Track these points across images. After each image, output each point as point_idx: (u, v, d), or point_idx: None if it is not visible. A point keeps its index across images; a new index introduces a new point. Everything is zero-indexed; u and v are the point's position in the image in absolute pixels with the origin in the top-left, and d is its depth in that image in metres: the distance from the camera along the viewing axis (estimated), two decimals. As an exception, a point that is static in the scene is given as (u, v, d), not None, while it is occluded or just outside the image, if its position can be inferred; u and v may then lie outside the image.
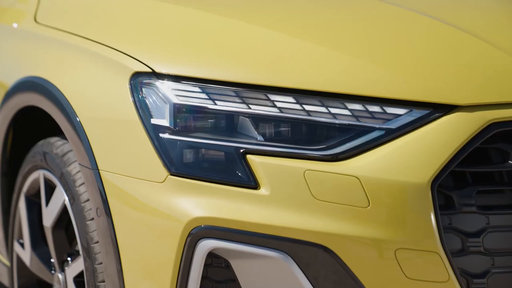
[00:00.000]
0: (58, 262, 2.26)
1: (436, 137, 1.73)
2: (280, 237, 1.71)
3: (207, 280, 1.77)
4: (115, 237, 1.87)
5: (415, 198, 1.70)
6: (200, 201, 1.76)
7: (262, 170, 1.74)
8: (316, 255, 1.69)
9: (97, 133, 1.96)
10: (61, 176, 2.12)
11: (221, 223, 1.73)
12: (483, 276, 1.73)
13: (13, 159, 2.54)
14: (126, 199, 1.86)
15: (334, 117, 1.77)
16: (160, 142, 1.83)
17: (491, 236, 1.73)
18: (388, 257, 1.69)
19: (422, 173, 1.70)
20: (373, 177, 1.71)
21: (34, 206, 2.39)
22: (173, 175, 1.80)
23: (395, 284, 1.69)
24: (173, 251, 1.76)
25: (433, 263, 1.69)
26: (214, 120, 1.81)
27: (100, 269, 1.95)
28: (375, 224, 1.69)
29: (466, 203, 1.73)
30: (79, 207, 2.03)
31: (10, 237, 2.51)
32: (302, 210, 1.71)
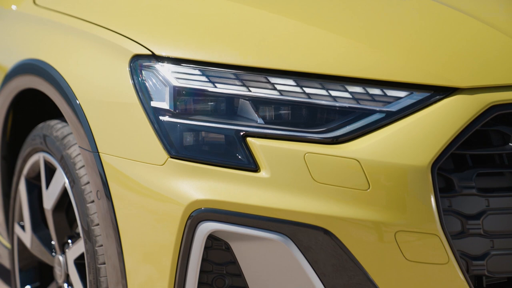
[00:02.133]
0: (58, 244, 2.27)
1: (436, 119, 1.73)
2: (280, 219, 1.71)
3: (207, 263, 1.77)
4: (115, 219, 1.88)
5: (415, 181, 1.70)
6: (200, 184, 1.76)
7: (262, 153, 1.74)
8: (316, 238, 1.70)
9: (97, 116, 1.95)
10: (61, 159, 2.12)
11: (221, 206, 1.74)
12: (483, 258, 1.73)
13: (13, 142, 2.54)
14: (126, 182, 1.86)
15: (334, 100, 1.77)
16: (160, 125, 1.82)
17: (491, 218, 1.74)
18: (388, 240, 1.69)
19: (422, 155, 1.70)
20: (373, 160, 1.71)
21: (35, 189, 2.39)
22: (173, 158, 1.80)
23: (395, 266, 1.70)
24: (173, 233, 1.76)
25: (432, 246, 1.69)
26: (214, 103, 1.81)
27: (100, 251, 1.96)
28: (375, 206, 1.70)
29: (466, 185, 1.74)
30: (79, 189, 2.03)
31: (10, 220, 2.52)
32: (302, 192, 1.71)
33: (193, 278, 1.76)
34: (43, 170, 2.28)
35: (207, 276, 1.78)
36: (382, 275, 1.69)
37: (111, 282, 1.92)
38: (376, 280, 1.70)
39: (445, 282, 1.71)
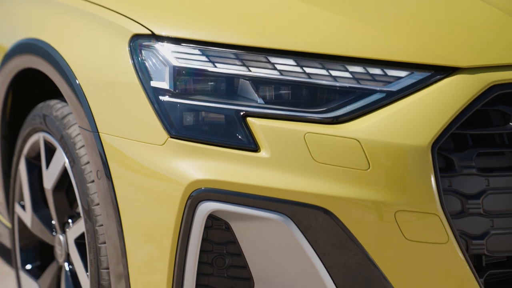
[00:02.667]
0: (59, 224, 2.28)
1: (437, 99, 1.73)
2: (280, 199, 1.71)
3: (207, 242, 1.78)
4: (116, 199, 1.88)
5: (415, 161, 1.70)
6: (200, 163, 1.76)
7: (262, 133, 1.74)
8: (316, 218, 1.70)
9: (97, 96, 1.95)
10: (61, 139, 2.12)
11: (221, 186, 1.74)
12: (482, 238, 1.74)
13: (13, 122, 2.54)
14: (126, 162, 1.86)
15: (334, 79, 1.76)
16: (160, 104, 1.82)
17: (490, 198, 1.74)
18: (388, 219, 1.69)
19: (422, 135, 1.70)
20: (373, 139, 1.71)
21: (35, 169, 2.40)
22: (173, 138, 1.80)
23: (395, 246, 1.70)
24: (173, 213, 1.77)
25: (432, 225, 1.70)
26: (214, 82, 1.80)
27: (101, 231, 1.97)
28: (375, 186, 1.70)
29: (466, 165, 1.74)
30: (79, 169, 2.04)
31: (11, 199, 2.53)
32: (302, 172, 1.71)
33: (193, 258, 1.76)
34: (43, 150, 2.28)
35: (207, 255, 1.78)
36: (382, 254, 1.70)
37: (112, 261, 1.92)
38: (376, 259, 1.70)
39: (445, 262, 1.71)
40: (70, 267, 2.24)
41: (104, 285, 1.97)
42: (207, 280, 1.79)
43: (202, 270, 1.78)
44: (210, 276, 1.79)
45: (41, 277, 2.42)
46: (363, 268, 1.70)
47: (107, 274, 1.96)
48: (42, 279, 2.41)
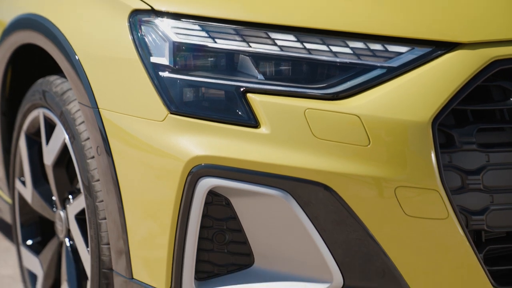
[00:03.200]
0: (59, 200, 2.28)
1: (438, 75, 1.72)
2: (280, 175, 1.71)
3: (207, 218, 1.78)
4: (116, 175, 1.88)
5: (415, 137, 1.70)
6: (200, 139, 1.76)
7: (263, 109, 1.73)
8: (316, 194, 1.70)
9: (97, 72, 1.94)
10: (61, 115, 2.12)
11: (221, 162, 1.74)
12: (482, 213, 1.74)
13: (12, 98, 2.54)
14: (126, 138, 1.86)
15: (335, 55, 1.76)
16: (159, 80, 1.82)
17: (490, 173, 1.74)
18: (388, 195, 1.70)
19: (423, 111, 1.70)
20: (373, 115, 1.70)
21: (35, 145, 2.40)
22: (173, 114, 1.79)
23: (395, 222, 1.70)
24: (173, 189, 1.77)
25: (432, 201, 1.70)
26: (214, 58, 1.80)
27: (101, 206, 1.97)
28: (375, 162, 1.70)
29: (466, 141, 1.73)
30: (79, 145, 2.03)
31: (11, 175, 2.53)
32: (302, 148, 1.71)
33: (194, 234, 1.77)
34: (43, 126, 2.28)
35: (208, 231, 1.79)
36: (381, 230, 1.70)
37: (112, 237, 1.93)
38: (375, 235, 1.71)
39: (445, 237, 1.72)
40: (71, 243, 2.25)
41: (104, 260, 1.98)
42: (207, 256, 1.80)
43: (202, 245, 1.79)
44: (210, 251, 1.79)
45: (42, 253, 2.43)
46: (363, 244, 1.71)
47: (108, 249, 1.97)
48: (43, 254, 2.42)
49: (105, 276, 1.99)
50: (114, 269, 1.95)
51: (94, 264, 2.01)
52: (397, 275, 1.72)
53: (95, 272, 2.01)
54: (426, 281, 1.73)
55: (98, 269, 2.00)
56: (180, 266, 1.79)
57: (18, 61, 2.46)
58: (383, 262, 1.71)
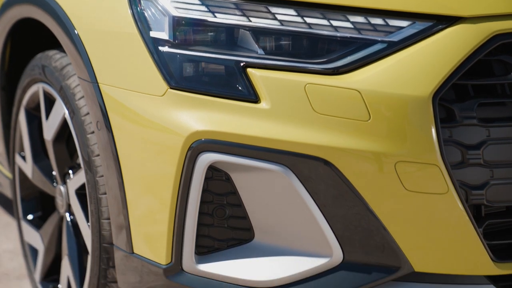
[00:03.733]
0: (59, 175, 2.28)
1: (439, 49, 1.71)
2: (280, 150, 1.71)
3: (207, 193, 1.78)
4: (116, 150, 1.88)
5: (416, 111, 1.69)
6: (200, 115, 1.76)
7: (263, 84, 1.73)
8: (316, 169, 1.70)
9: (96, 46, 1.94)
10: (61, 90, 2.12)
11: (222, 137, 1.74)
12: (482, 188, 1.74)
13: (12, 73, 2.53)
14: (126, 113, 1.86)
15: (335, 30, 1.75)
16: (159, 55, 1.81)
17: (491, 148, 1.74)
18: (388, 170, 1.70)
19: (423, 86, 1.69)
20: (374, 90, 1.70)
21: (34, 120, 2.39)
22: (173, 89, 1.79)
23: (395, 197, 1.71)
24: (173, 164, 1.77)
25: (432, 176, 1.70)
26: (214, 33, 1.79)
27: (101, 181, 1.97)
28: (376, 137, 1.70)
29: (467, 115, 1.73)
30: (79, 120, 2.03)
31: (11, 150, 2.53)
32: (302, 123, 1.71)
33: (194, 209, 1.77)
34: (43, 101, 2.27)
35: (208, 206, 1.79)
36: (381, 205, 1.71)
37: (113, 212, 1.93)
38: (375, 210, 1.71)
39: (444, 212, 1.72)
40: (71, 218, 2.25)
41: (105, 235, 1.99)
42: (207, 231, 1.80)
43: (202, 220, 1.79)
44: (210, 226, 1.80)
45: (42, 227, 2.44)
46: (363, 219, 1.71)
47: (108, 224, 1.97)
48: (43, 229, 2.43)
49: (106, 250, 1.99)
50: (115, 244, 1.95)
51: (94, 239, 2.02)
52: (397, 249, 1.73)
53: (95, 246, 2.02)
54: (425, 256, 1.74)
55: (99, 244, 2.00)
56: (180, 241, 1.79)
57: (17, 35, 2.45)
58: (383, 236, 1.72)
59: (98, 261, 2.01)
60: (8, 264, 2.84)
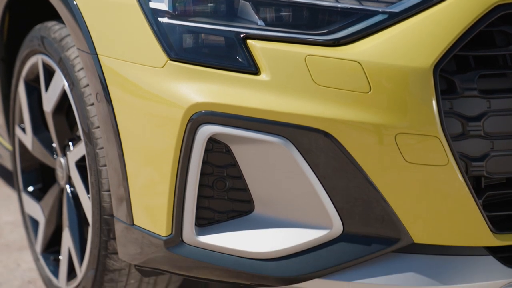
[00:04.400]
0: (59, 147, 2.28)
1: (440, 20, 1.70)
2: (281, 122, 1.71)
3: (207, 165, 1.78)
4: (116, 123, 1.87)
5: (416, 83, 1.69)
6: (200, 86, 1.75)
7: (263, 55, 1.72)
8: (316, 141, 1.70)
9: (95, 17, 1.92)
10: (60, 61, 2.11)
11: (222, 109, 1.73)
12: (482, 160, 1.74)
13: (11, 44, 2.52)
14: (126, 85, 1.85)
15: (336, 0, 1.73)
16: (159, 26, 1.80)
17: (491, 120, 1.74)
18: (388, 142, 1.69)
19: (424, 57, 1.69)
20: (374, 62, 1.69)
21: (34, 91, 2.39)
22: (172, 61, 1.78)
23: (395, 168, 1.71)
24: (173, 136, 1.76)
25: (432, 147, 1.70)
26: (214, 4, 1.77)
27: (101, 153, 1.97)
28: (376, 109, 1.69)
29: (468, 87, 1.73)
30: (78, 92, 2.03)
31: (11, 122, 2.53)
32: (302, 95, 1.70)
33: (194, 181, 1.77)
34: (42, 73, 2.26)
35: (208, 178, 1.79)
36: (381, 177, 1.71)
37: (113, 184, 1.93)
38: (375, 182, 1.71)
39: (444, 183, 1.72)
40: (72, 189, 2.26)
41: (105, 207, 1.99)
42: (207, 203, 1.81)
43: (202, 192, 1.79)
44: (210, 198, 1.80)
45: (43, 199, 2.44)
46: (363, 191, 1.72)
47: (109, 196, 1.98)
48: (44, 201, 2.43)
49: (106, 222, 2.00)
50: (115, 216, 1.96)
51: (95, 211, 2.03)
52: (396, 221, 1.73)
53: (96, 218, 2.02)
54: (425, 227, 1.74)
55: (99, 216, 2.01)
56: (180, 213, 1.80)
57: (15, 6, 2.44)
58: (383, 208, 1.72)
59: (99, 233, 2.02)
60: (9, 235, 2.85)
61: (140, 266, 1.95)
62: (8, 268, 2.61)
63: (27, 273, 2.57)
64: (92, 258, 2.07)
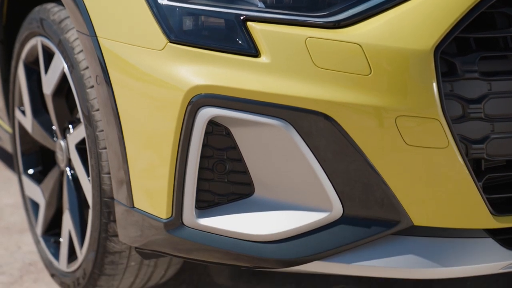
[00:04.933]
0: (59, 130, 2.28)
1: (441, 2, 1.69)
2: (281, 105, 1.70)
3: (207, 148, 1.78)
4: (116, 106, 1.87)
5: (417, 65, 1.68)
6: (200, 69, 1.75)
7: (263, 38, 1.71)
8: (316, 123, 1.70)
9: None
10: (59, 43, 2.10)
11: (222, 91, 1.73)
12: (482, 142, 1.74)
13: (10, 26, 2.51)
14: (125, 67, 1.85)
15: (336, -18, 1.73)
16: (158, 8, 1.79)
17: (492, 102, 1.73)
18: (389, 125, 1.69)
19: (425, 39, 1.68)
20: (375, 44, 1.68)
21: (34, 74, 2.38)
22: (172, 43, 1.77)
23: (395, 151, 1.70)
24: (173, 119, 1.76)
25: (433, 130, 1.70)
26: (213, -14, 1.77)
27: (101, 136, 1.97)
28: (376, 91, 1.69)
29: (468, 69, 1.72)
30: (78, 74, 2.02)
31: (11, 104, 2.52)
32: (303, 78, 1.70)
33: (194, 163, 1.77)
34: (41, 55, 2.26)
35: (208, 161, 1.79)
36: (382, 159, 1.71)
37: (113, 167, 1.93)
38: (376, 165, 1.71)
39: (444, 166, 1.72)
40: (72, 172, 2.26)
41: (105, 189, 1.99)
42: (207, 185, 1.81)
43: (202, 175, 1.79)
44: (210, 181, 1.80)
45: (43, 182, 2.44)
46: (363, 174, 1.72)
47: (109, 179, 1.98)
48: (44, 183, 2.43)
49: (107, 204, 2.00)
50: (115, 198, 1.96)
51: (95, 193, 2.03)
52: (396, 204, 1.73)
53: (96, 201, 2.03)
54: (425, 210, 1.74)
55: (100, 198, 2.01)
56: (180, 195, 1.80)
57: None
58: (383, 191, 1.72)
59: (99, 215, 2.02)
60: (10, 218, 2.85)
61: (140, 248, 1.96)
62: (8, 251, 2.62)
63: (28, 255, 2.58)
64: (92, 240, 2.08)
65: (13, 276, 2.45)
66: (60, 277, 2.31)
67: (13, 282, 2.42)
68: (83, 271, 2.16)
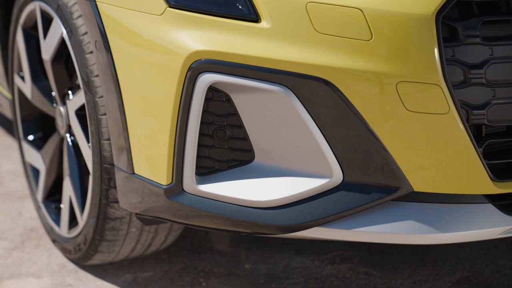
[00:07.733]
0: (59, 96, 2.27)
1: (442, -34, 1.68)
2: (281, 71, 1.70)
3: (207, 114, 1.78)
4: (115, 72, 1.86)
5: (419, 30, 1.67)
6: (200, 34, 1.73)
7: (263, 3, 1.70)
8: (317, 89, 1.69)
9: (92, -36, 1.90)
10: (58, 8, 2.08)
11: (222, 57, 1.72)
12: (483, 108, 1.73)
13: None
14: (125, 33, 1.83)
15: None
16: (157, -27, 1.77)
17: (493, 67, 1.72)
18: (389, 91, 1.68)
19: (427, 4, 1.67)
20: (376, 9, 1.67)
21: (32, 39, 2.37)
22: (171, 8, 1.76)
23: (396, 117, 1.70)
24: (173, 85, 1.75)
25: (434, 96, 1.69)
26: (213, -50, 1.75)
27: (101, 102, 1.96)
28: (377, 57, 1.68)
29: (470, 34, 1.71)
30: (77, 40, 2.01)
31: (10, 70, 2.51)
32: (303, 43, 1.69)
33: (194, 130, 1.77)
34: (40, 20, 2.24)
35: (208, 127, 1.79)
36: (382, 126, 1.70)
37: (113, 134, 1.93)
38: (376, 131, 1.71)
39: (445, 132, 1.72)
40: (72, 138, 2.25)
41: (106, 156, 1.99)
42: (207, 152, 1.80)
43: (202, 141, 1.79)
44: (210, 147, 1.80)
45: (43, 148, 2.44)
46: (364, 140, 1.71)
47: (109, 145, 1.97)
48: (44, 149, 2.43)
49: (107, 171, 2.00)
50: (116, 165, 1.96)
51: (95, 160, 2.03)
52: (397, 170, 1.73)
53: (96, 167, 2.03)
54: (425, 176, 1.74)
55: (100, 164, 2.01)
56: (181, 162, 1.80)
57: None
58: (383, 157, 1.72)
59: (99, 182, 2.03)
60: (11, 184, 2.86)
61: (141, 214, 1.96)
62: (10, 217, 2.62)
63: (29, 221, 2.59)
64: (93, 206, 2.08)
65: (15, 242, 2.46)
66: (61, 242, 2.32)
67: (15, 248, 2.43)
68: (84, 237, 2.17)
